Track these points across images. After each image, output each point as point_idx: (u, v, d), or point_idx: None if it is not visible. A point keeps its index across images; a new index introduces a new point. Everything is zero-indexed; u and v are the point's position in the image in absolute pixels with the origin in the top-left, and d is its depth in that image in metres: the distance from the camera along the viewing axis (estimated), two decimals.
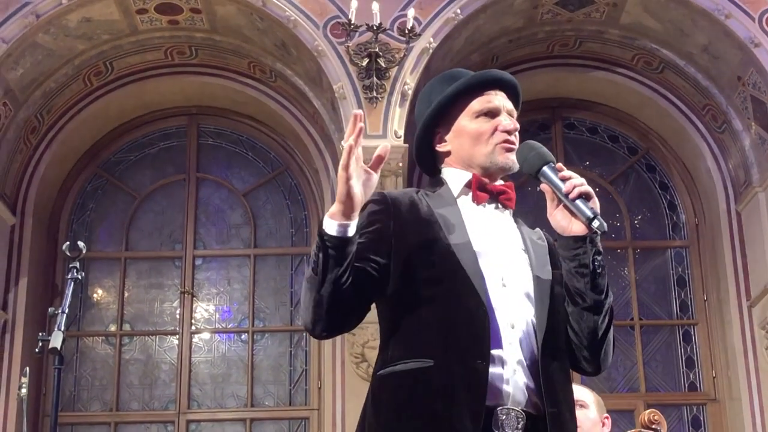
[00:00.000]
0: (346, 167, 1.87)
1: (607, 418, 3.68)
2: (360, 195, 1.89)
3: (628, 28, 7.35)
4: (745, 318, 7.21)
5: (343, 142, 1.90)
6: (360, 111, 1.88)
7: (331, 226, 1.90)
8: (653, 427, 3.70)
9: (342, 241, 1.90)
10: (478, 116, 2.16)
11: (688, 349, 7.65)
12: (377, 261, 2.00)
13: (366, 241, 2.01)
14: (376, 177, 1.93)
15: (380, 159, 1.92)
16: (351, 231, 1.91)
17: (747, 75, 6.98)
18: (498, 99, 2.17)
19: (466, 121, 2.17)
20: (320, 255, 1.91)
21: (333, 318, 1.98)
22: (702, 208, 7.83)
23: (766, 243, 6.99)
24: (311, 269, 1.94)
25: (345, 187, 1.88)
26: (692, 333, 7.68)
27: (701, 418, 7.44)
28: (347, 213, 1.89)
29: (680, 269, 7.87)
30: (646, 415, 3.73)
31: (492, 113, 2.16)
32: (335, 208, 1.89)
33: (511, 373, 1.98)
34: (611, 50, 7.66)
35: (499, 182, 2.18)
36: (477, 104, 2.16)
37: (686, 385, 7.55)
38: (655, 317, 7.75)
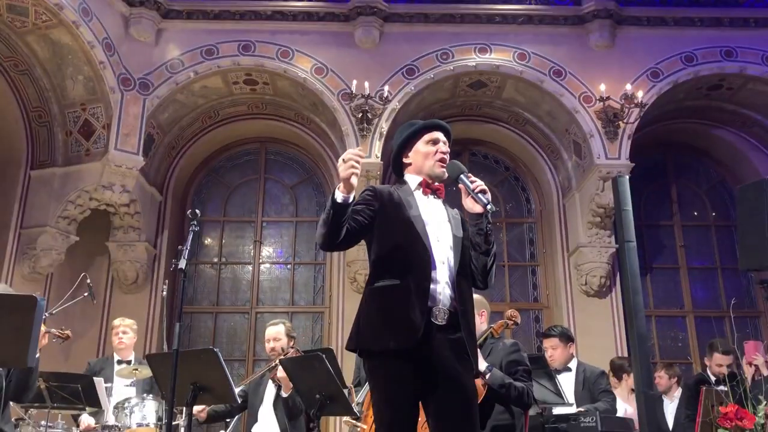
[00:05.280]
0: (353, 168, 2.26)
1: (482, 313, 3.93)
2: (356, 183, 2.28)
3: (507, 100, 8.61)
4: (566, 262, 8.67)
5: (349, 158, 2.27)
6: (361, 152, 2.29)
7: (339, 196, 2.34)
8: (513, 319, 4.03)
9: (344, 205, 2.33)
10: (427, 143, 2.65)
11: (534, 279, 9.00)
12: (365, 216, 2.49)
13: (361, 207, 2.50)
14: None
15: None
16: (350, 200, 2.34)
17: (571, 128, 8.26)
18: (439, 135, 2.67)
19: (421, 145, 2.67)
20: (331, 211, 2.34)
21: (336, 241, 2.42)
22: (544, 201, 9.05)
23: (578, 221, 8.37)
24: (326, 215, 2.36)
25: (351, 179, 2.25)
26: (536, 271, 9.02)
27: (540, 318, 8.90)
28: (348, 191, 2.33)
29: (531, 235, 9.13)
30: (509, 311, 4.03)
31: (435, 142, 2.65)
32: (342, 188, 2.33)
33: (442, 288, 2.46)
34: (497, 113, 8.88)
35: (436, 184, 2.64)
36: (428, 136, 2.67)
37: (533, 298, 8.90)
38: (517, 261, 9.08)
